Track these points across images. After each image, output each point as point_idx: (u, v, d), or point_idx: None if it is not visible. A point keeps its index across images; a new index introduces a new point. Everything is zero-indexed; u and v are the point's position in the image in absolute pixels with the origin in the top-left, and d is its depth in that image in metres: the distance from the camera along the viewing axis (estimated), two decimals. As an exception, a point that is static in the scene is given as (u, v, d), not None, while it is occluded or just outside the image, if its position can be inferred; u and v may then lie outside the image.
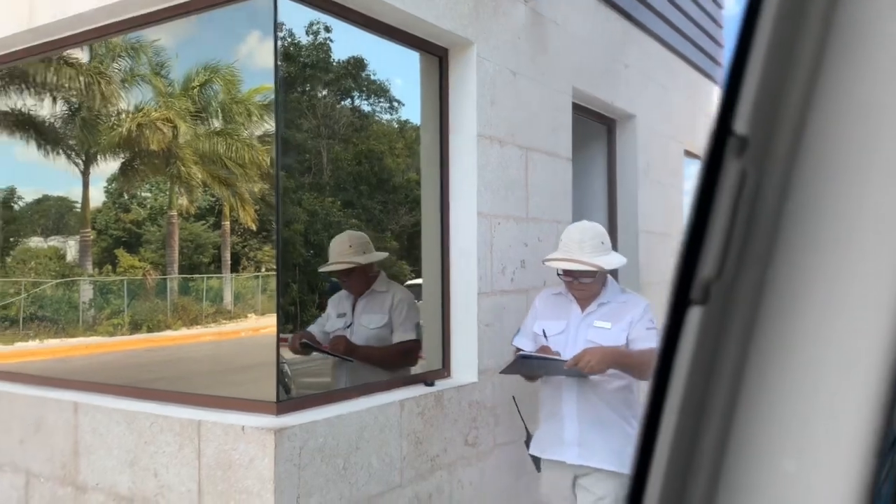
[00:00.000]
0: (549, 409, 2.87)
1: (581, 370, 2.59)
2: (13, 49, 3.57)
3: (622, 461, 2.72)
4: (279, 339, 2.71)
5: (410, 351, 3.30)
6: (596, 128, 4.81)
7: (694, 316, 0.48)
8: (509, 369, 2.82)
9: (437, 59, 3.37)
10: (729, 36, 6.65)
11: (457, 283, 3.35)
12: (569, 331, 2.79)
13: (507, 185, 3.52)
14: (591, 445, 2.75)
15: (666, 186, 5.39)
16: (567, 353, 2.71)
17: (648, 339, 2.70)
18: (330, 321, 3.33)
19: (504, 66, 3.52)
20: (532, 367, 2.80)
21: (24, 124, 4.31)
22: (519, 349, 2.89)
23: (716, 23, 6.44)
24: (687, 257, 0.48)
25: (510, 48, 3.57)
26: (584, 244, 2.72)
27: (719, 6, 6.54)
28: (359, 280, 3.26)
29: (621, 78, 4.71)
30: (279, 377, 2.71)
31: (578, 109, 4.27)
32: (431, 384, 3.16)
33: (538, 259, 3.32)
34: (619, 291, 2.88)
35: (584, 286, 2.76)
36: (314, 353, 3.24)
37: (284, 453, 2.41)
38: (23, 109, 4.20)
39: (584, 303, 2.82)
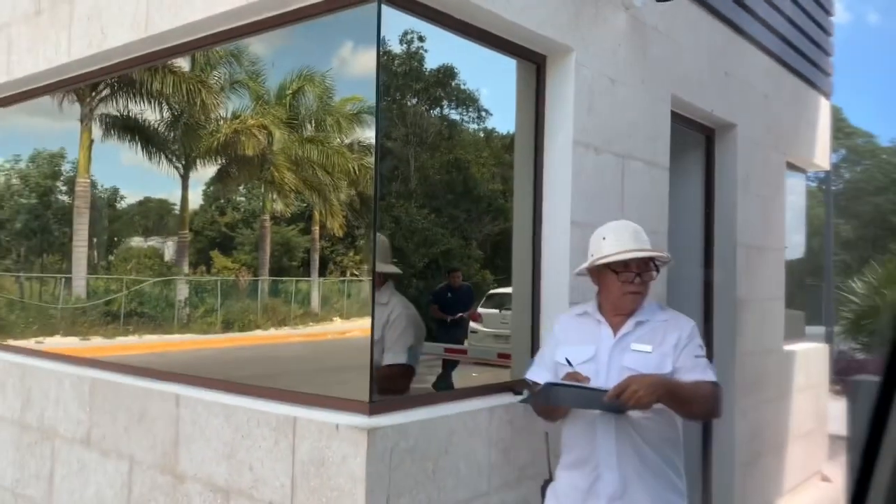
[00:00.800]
0: (578, 454, 2.38)
1: (624, 403, 2.12)
2: (128, 57, 3.77)
3: None
4: (373, 340, 2.74)
5: (394, 377, 2.90)
6: (694, 137, 4.68)
7: None
8: (532, 400, 2.41)
9: (535, 65, 3.35)
10: (837, 44, 6.35)
11: (548, 292, 3.31)
12: (599, 357, 2.34)
13: (602, 193, 3.46)
14: (635, 501, 2.28)
15: (766, 199, 5.18)
16: (599, 383, 2.27)
17: (699, 370, 2.28)
18: None
19: (602, 73, 3.46)
20: (561, 398, 2.27)
21: (130, 129, 4.54)
22: (536, 383, 2.45)
23: (824, 31, 6.17)
24: None
25: (609, 55, 3.52)
26: (639, 234, 2.40)
27: (828, 13, 6.25)
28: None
29: (722, 86, 4.57)
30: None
31: (677, 118, 4.16)
32: (520, 393, 3.12)
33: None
34: (657, 308, 2.44)
35: (642, 288, 2.36)
36: None
37: (376, 453, 2.42)
38: (129, 115, 4.42)
39: (617, 322, 2.39)
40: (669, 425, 2.34)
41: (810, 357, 6.10)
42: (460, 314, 3.89)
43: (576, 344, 2.40)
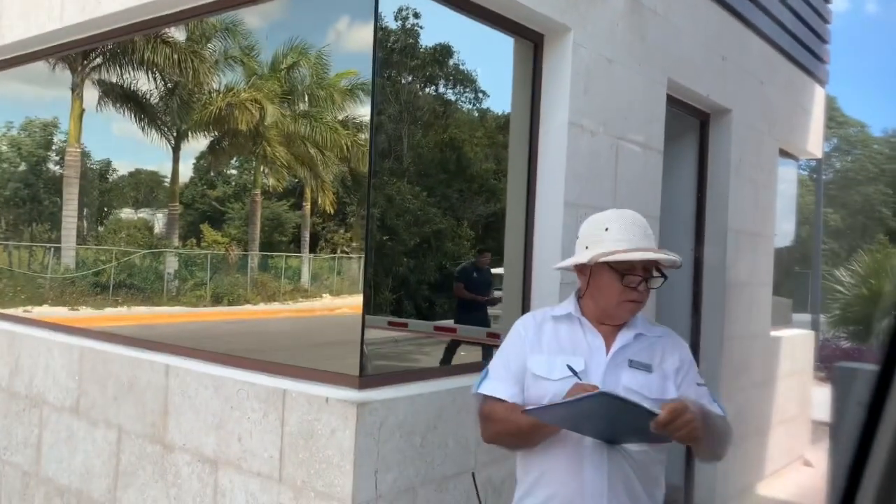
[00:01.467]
0: (553, 492, 1.90)
1: (673, 433, 1.68)
2: (121, 24, 3.73)
3: None
4: (364, 317, 2.75)
5: None
6: (689, 121, 4.68)
7: None
8: (541, 414, 1.79)
9: (533, 45, 3.33)
10: (833, 32, 6.33)
11: (539, 272, 3.32)
12: (590, 372, 1.88)
13: (596, 175, 3.46)
14: None
15: (758, 185, 5.20)
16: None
17: (705, 402, 1.92)
18: None
19: (600, 53, 3.45)
20: (583, 418, 1.76)
21: (121, 98, 4.50)
22: (500, 400, 1.93)
23: (821, 18, 6.16)
24: None
25: (607, 35, 3.50)
26: (648, 231, 1.95)
27: (826, 1, 6.24)
28: None
29: (718, 71, 4.56)
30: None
31: (672, 101, 4.16)
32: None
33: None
34: (646, 321, 2.03)
35: (645, 297, 1.93)
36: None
37: (365, 427, 2.44)
38: (121, 84, 4.38)
39: (605, 332, 1.95)
40: (660, 462, 1.98)
41: (796, 344, 6.16)
42: (491, 296, 3.90)
43: (556, 353, 1.93)
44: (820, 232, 11.52)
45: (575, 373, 1.86)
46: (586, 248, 1.96)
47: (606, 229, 1.94)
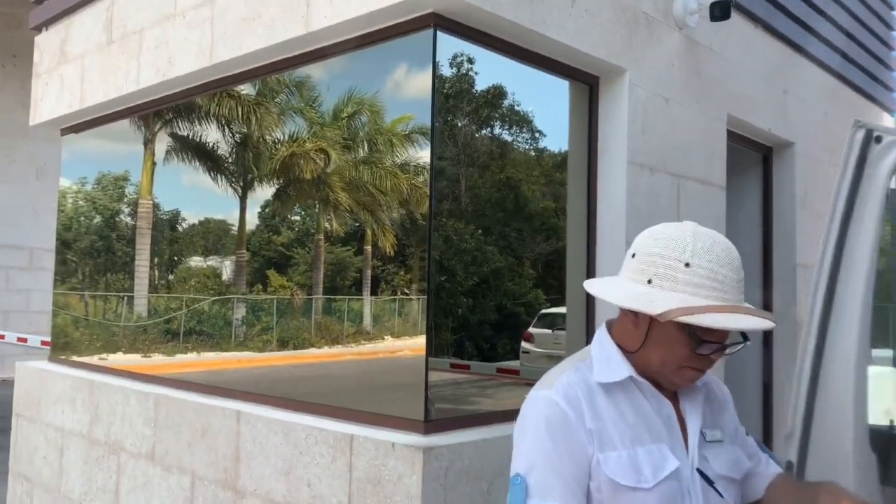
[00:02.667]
0: None
1: None
2: (192, 84, 3.93)
3: None
4: (427, 360, 2.77)
5: None
6: (751, 155, 4.61)
7: None
8: None
9: (588, 86, 3.36)
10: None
11: (603, 314, 3.29)
12: (683, 468, 1.39)
13: (657, 213, 3.43)
14: None
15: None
16: None
17: (768, 461, 1.60)
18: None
19: (656, 92, 3.46)
20: None
21: (192, 151, 4.70)
22: None
23: (885, 45, 6.02)
24: None
25: (663, 75, 3.51)
26: (741, 274, 1.39)
27: (889, 27, 6.11)
28: None
29: (779, 104, 4.50)
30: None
31: (733, 137, 4.11)
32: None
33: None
34: None
35: (712, 365, 1.43)
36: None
37: (432, 472, 2.44)
38: (191, 138, 4.58)
39: (673, 395, 1.47)
40: None
41: (878, 381, 5.88)
42: None
43: (633, 443, 1.37)
44: (896, 262, 11.04)
45: (706, 477, 1.37)
46: (649, 281, 1.36)
47: (687, 265, 1.34)
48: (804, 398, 2.44)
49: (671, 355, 1.38)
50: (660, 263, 1.36)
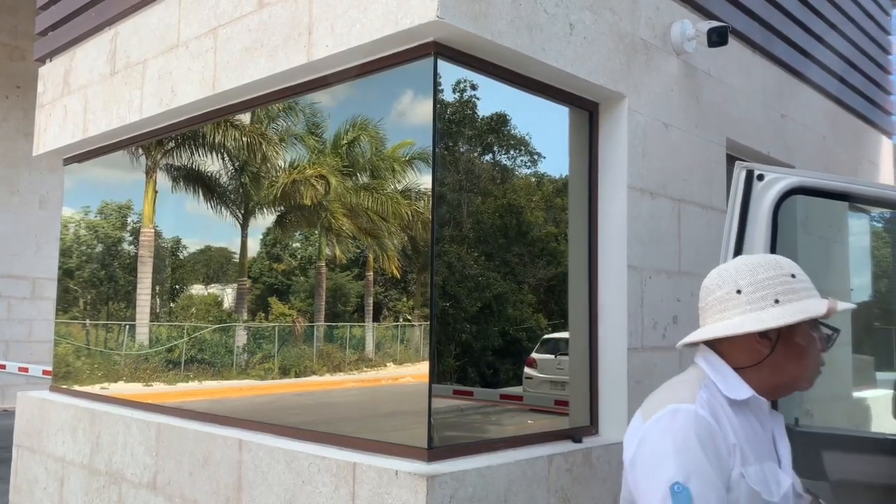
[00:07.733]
0: None
1: None
2: (195, 113, 3.96)
3: None
4: (431, 388, 2.75)
5: None
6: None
7: None
8: None
9: (588, 112, 3.39)
10: None
11: (605, 337, 3.28)
12: (785, 483, 1.46)
13: (659, 237, 3.44)
14: None
15: (828, 241, 5.06)
16: None
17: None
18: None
19: (656, 118, 3.48)
20: None
21: (193, 180, 4.72)
22: None
23: (882, 69, 6.07)
24: None
25: (662, 100, 3.54)
26: None
27: (886, 52, 6.17)
28: None
29: (778, 128, 4.53)
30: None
31: (732, 160, 4.13)
32: (579, 441, 3.09)
33: (691, 315, 3.17)
34: None
35: None
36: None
37: (436, 500, 2.42)
38: (192, 166, 4.61)
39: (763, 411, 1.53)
40: None
41: (882, 404, 5.84)
42: None
43: (760, 458, 1.43)
44: (898, 284, 11.03)
45: (798, 495, 1.43)
46: (776, 301, 1.44)
47: (793, 276, 1.47)
48: None
49: (811, 358, 1.48)
50: (775, 284, 1.46)
